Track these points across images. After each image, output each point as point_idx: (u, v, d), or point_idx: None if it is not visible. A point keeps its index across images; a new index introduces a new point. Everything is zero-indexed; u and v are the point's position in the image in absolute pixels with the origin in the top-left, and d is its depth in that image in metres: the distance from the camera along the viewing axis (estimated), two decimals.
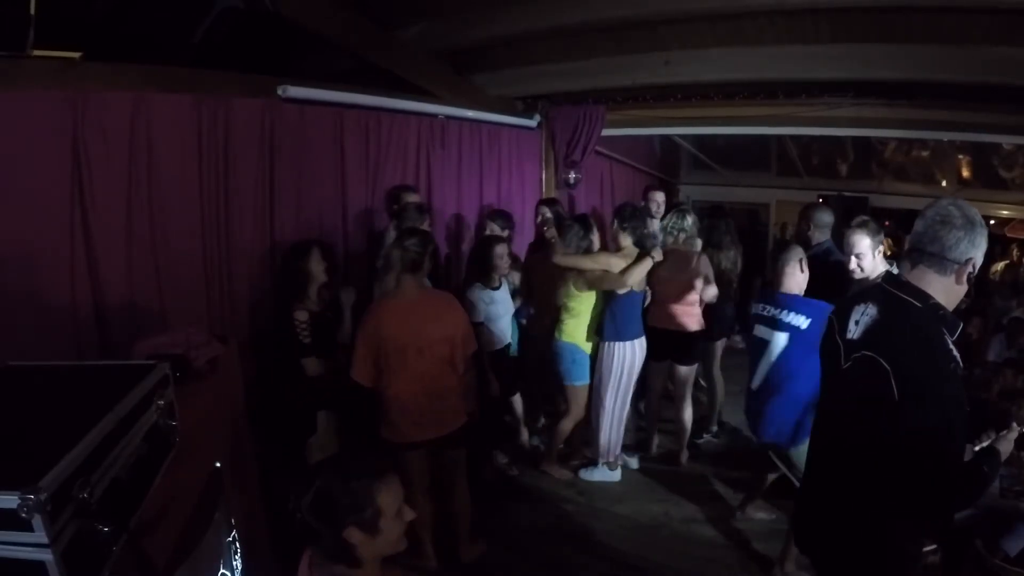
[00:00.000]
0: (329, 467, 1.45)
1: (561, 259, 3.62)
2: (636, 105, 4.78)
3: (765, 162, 7.32)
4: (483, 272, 3.59)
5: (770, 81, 3.94)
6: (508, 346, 3.79)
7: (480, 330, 3.42)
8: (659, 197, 5.05)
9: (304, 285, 3.00)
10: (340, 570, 1.41)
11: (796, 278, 2.90)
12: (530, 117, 5.07)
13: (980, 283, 6.71)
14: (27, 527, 0.97)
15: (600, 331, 3.71)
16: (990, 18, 2.92)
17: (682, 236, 4.02)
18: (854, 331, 1.70)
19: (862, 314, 1.69)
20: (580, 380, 3.76)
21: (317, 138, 3.44)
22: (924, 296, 1.59)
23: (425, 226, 3.44)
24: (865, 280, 2.88)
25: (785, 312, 2.85)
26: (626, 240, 3.71)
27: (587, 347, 3.73)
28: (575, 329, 3.71)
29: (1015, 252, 7.15)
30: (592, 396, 3.80)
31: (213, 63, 3.16)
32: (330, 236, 3.56)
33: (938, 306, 1.58)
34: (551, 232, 3.84)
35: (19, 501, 0.95)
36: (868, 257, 2.85)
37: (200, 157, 2.92)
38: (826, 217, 3.63)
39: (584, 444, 4.06)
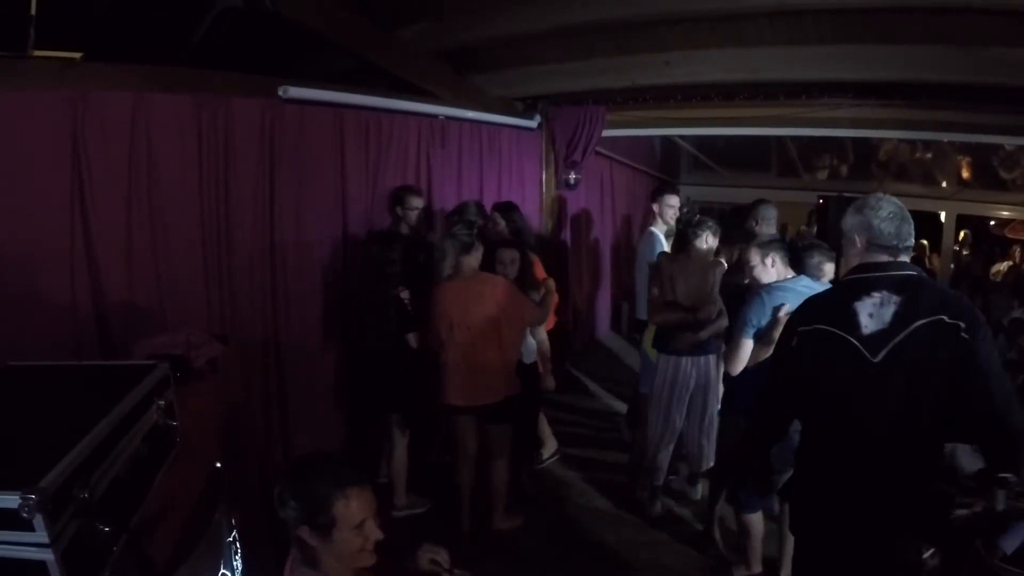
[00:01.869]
0: (301, 466, 1.46)
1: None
2: (636, 106, 4.77)
3: (765, 162, 7.33)
4: None
5: (770, 82, 3.94)
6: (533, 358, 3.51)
7: None
8: (674, 201, 4.25)
9: (395, 271, 3.24)
10: (306, 572, 1.41)
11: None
12: (530, 118, 5.07)
13: (980, 283, 6.72)
14: (28, 527, 0.97)
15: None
16: (990, 18, 2.92)
17: None
18: (873, 324, 1.70)
19: (876, 305, 1.71)
20: (643, 388, 3.76)
21: (317, 138, 3.43)
22: (916, 268, 1.78)
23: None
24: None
25: None
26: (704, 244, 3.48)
27: (652, 354, 3.64)
28: (647, 336, 3.73)
29: (1017, 253, 7.14)
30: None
31: (213, 63, 3.16)
32: (330, 236, 3.56)
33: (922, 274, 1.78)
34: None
35: (20, 501, 0.95)
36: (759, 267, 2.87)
37: (200, 157, 2.92)
38: (772, 212, 3.94)
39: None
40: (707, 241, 3.45)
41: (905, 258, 1.78)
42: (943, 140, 5.66)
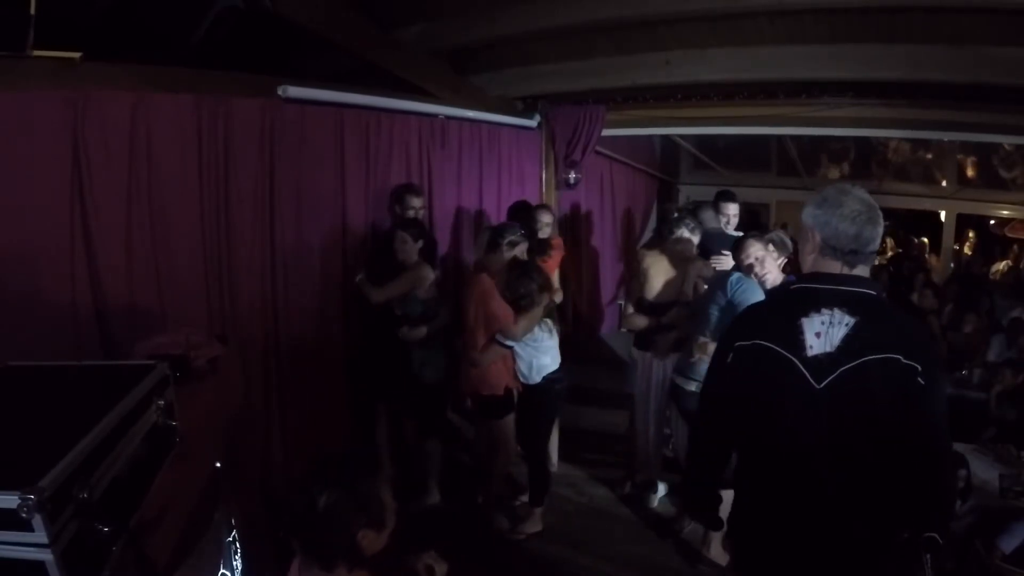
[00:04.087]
0: (328, 479, 1.41)
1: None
2: (636, 105, 4.77)
3: (765, 162, 7.32)
4: None
5: (770, 81, 3.94)
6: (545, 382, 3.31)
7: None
8: (731, 209, 4.17)
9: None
10: (316, 573, 1.40)
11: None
12: (530, 117, 5.06)
13: (979, 282, 6.72)
14: (27, 527, 0.96)
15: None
16: (990, 18, 2.92)
17: None
18: (820, 345, 1.52)
19: (825, 324, 1.53)
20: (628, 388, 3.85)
21: (317, 138, 3.43)
22: (876, 287, 1.58)
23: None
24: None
25: None
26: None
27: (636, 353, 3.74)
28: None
29: (1017, 252, 7.15)
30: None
31: (213, 63, 3.15)
32: (330, 236, 3.56)
33: (883, 295, 1.59)
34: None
35: (19, 501, 0.94)
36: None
37: (200, 157, 2.91)
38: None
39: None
40: (683, 236, 3.51)
41: (863, 268, 1.57)
42: (943, 140, 5.66)
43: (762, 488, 1.68)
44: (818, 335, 1.53)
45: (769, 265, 2.91)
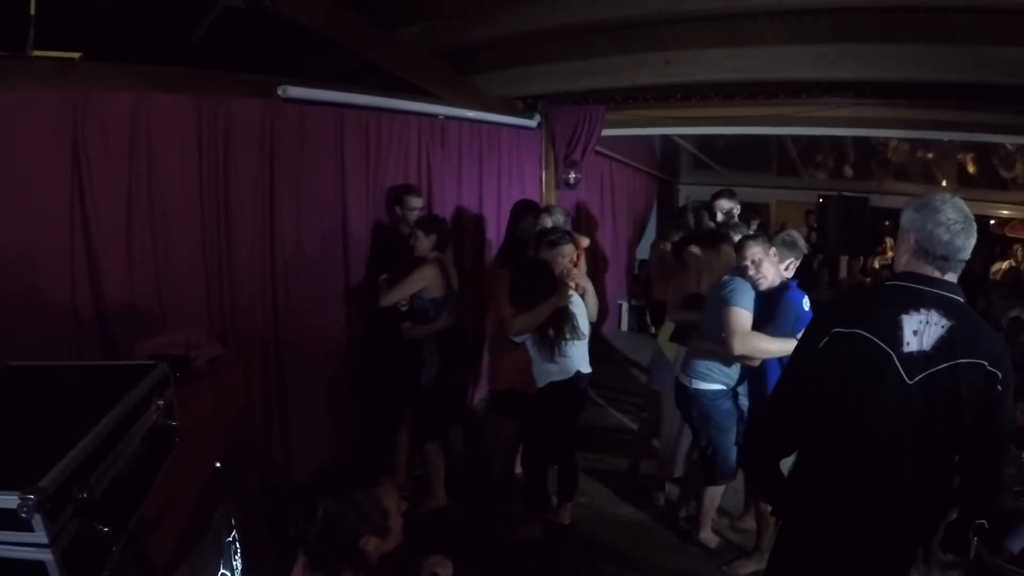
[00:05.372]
0: (327, 488, 1.44)
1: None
2: (636, 105, 4.78)
3: (765, 162, 7.33)
4: None
5: (770, 81, 3.94)
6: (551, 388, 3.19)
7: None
8: (725, 205, 4.18)
9: None
10: None
11: None
12: (530, 117, 5.07)
13: (979, 283, 6.72)
14: (27, 527, 0.96)
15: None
16: (990, 18, 2.92)
17: None
18: (917, 343, 1.61)
19: (923, 324, 1.61)
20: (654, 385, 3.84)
21: (317, 138, 3.43)
22: (962, 293, 1.67)
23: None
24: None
25: None
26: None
27: (667, 349, 3.64)
28: (663, 332, 3.70)
29: (1019, 253, 7.13)
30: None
31: (213, 63, 3.15)
32: (330, 236, 3.56)
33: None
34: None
35: (19, 501, 0.94)
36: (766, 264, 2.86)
37: (200, 157, 2.91)
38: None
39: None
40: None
41: (953, 275, 1.66)
42: (943, 139, 5.67)
43: (830, 472, 1.75)
44: (915, 333, 1.61)
45: (766, 269, 2.83)
